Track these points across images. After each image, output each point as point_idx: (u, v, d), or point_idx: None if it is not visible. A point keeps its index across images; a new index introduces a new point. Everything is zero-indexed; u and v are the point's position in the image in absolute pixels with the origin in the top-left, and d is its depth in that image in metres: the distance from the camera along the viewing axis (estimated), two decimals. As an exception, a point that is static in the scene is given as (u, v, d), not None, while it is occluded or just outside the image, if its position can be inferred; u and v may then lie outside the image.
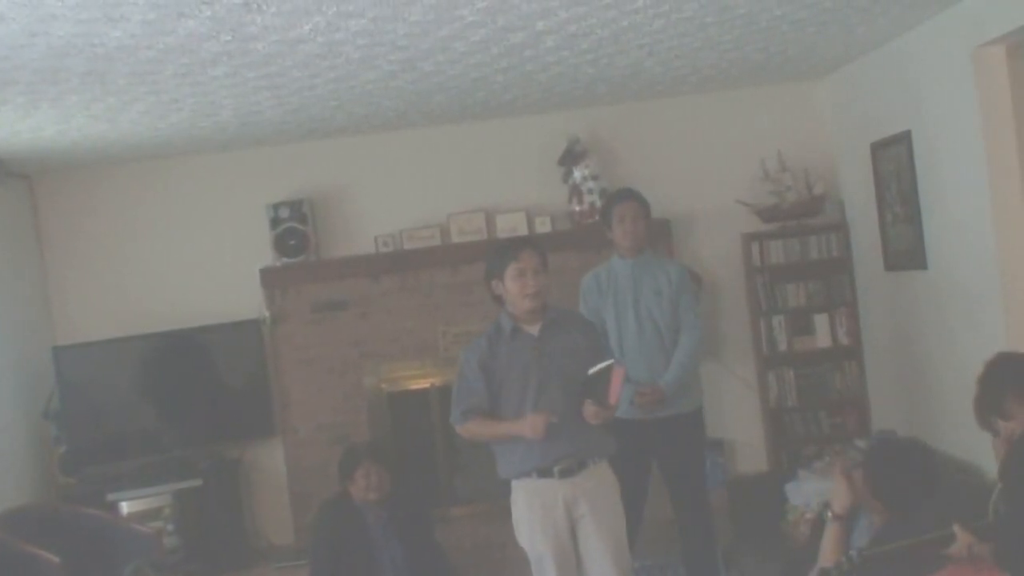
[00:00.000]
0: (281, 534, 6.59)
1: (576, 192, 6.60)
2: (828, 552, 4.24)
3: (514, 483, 4.47)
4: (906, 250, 5.92)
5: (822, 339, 6.71)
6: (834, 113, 6.69)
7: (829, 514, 4.28)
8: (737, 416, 6.38)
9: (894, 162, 5.94)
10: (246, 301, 6.57)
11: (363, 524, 5.61)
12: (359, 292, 6.62)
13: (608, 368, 4.24)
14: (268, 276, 6.56)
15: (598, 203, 6.52)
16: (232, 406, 6.57)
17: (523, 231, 6.60)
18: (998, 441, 3.91)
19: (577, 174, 6.58)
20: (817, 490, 5.95)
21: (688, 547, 5.68)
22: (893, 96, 5.89)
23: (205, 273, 6.62)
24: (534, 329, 4.45)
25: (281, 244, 6.50)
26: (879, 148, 6.08)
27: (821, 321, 6.70)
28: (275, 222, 6.50)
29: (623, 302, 5.44)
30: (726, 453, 6.53)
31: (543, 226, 6.62)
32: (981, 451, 5.23)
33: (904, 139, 5.73)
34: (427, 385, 6.70)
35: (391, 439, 6.58)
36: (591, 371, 4.24)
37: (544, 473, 4.36)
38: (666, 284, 5.55)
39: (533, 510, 4.41)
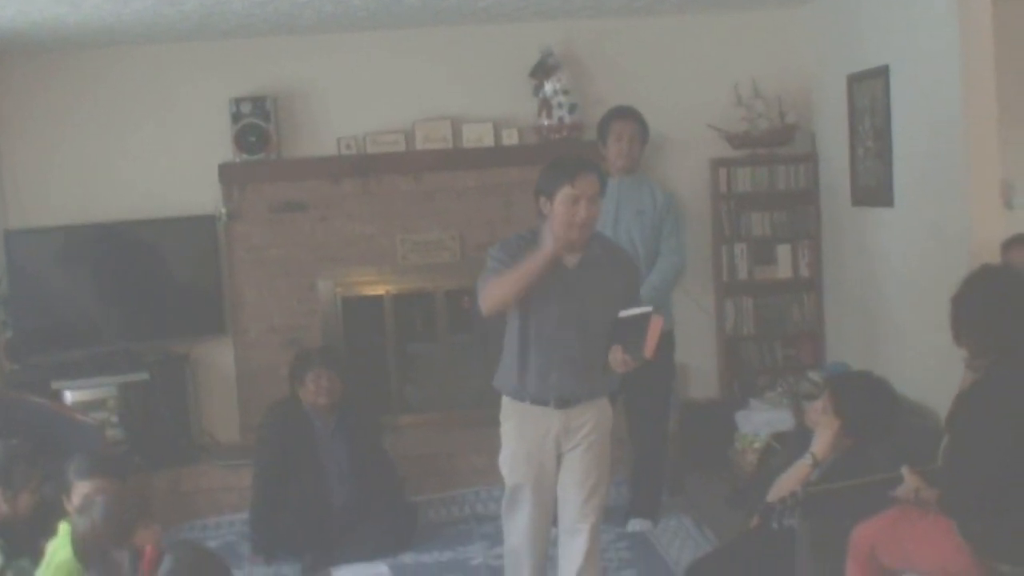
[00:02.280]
0: (226, 432, 6.54)
1: (546, 106, 6.49)
2: (785, 488, 4.25)
3: (505, 399, 4.27)
4: (874, 186, 5.87)
5: (783, 270, 6.68)
6: (812, 43, 6.59)
7: (810, 457, 4.29)
8: (692, 342, 6.34)
9: (869, 96, 5.86)
10: (203, 196, 6.43)
11: (310, 428, 5.59)
12: (319, 194, 6.50)
13: (644, 317, 3.86)
14: (227, 172, 6.41)
15: (567, 118, 6.45)
16: (183, 302, 6.46)
17: (489, 143, 6.50)
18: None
19: (548, 88, 6.46)
20: (767, 420, 5.97)
21: (638, 467, 5.73)
22: (873, 29, 5.80)
23: (163, 165, 6.45)
24: (571, 261, 4.08)
25: (241, 140, 6.34)
26: (855, 81, 6.00)
27: (783, 252, 6.66)
28: (236, 117, 6.34)
29: (602, 220, 5.36)
30: (679, 378, 6.51)
31: (510, 139, 6.51)
32: (934, 392, 5.26)
33: (882, 73, 5.65)
34: (383, 292, 6.62)
35: (343, 345, 6.51)
36: (623, 314, 3.86)
37: (539, 401, 4.15)
38: (650, 206, 5.55)
39: (522, 438, 4.21)
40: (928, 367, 5.37)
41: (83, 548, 3.51)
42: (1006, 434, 3.41)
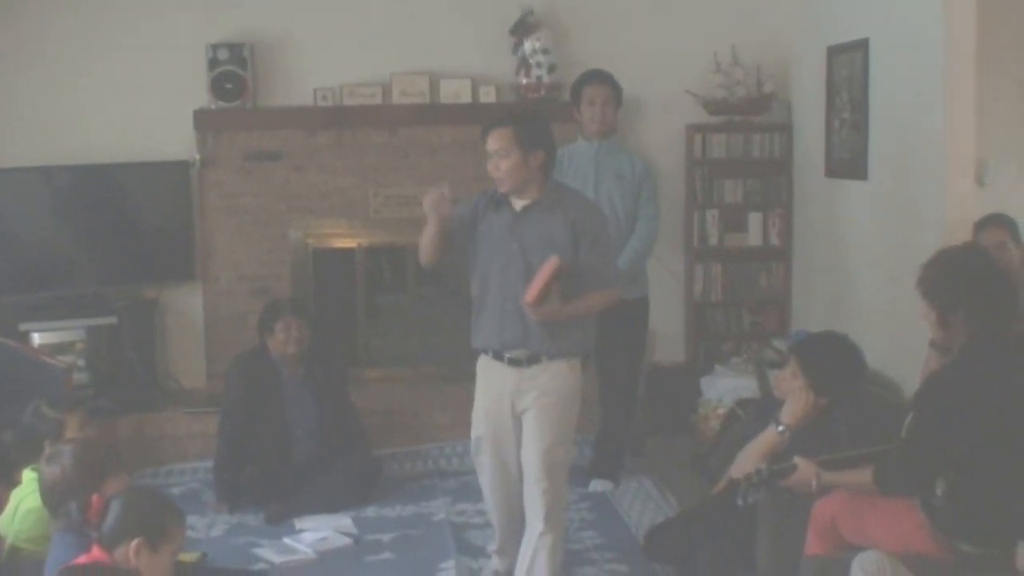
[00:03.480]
0: (192, 379, 6.54)
1: (524, 64, 6.47)
2: (751, 458, 4.29)
3: (480, 356, 4.37)
4: (849, 159, 5.91)
5: (753, 237, 6.72)
6: (793, 13, 6.59)
7: (781, 427, 4.32)
8: (660, 306, 6.34)
9: (848, 69, 5.88)
10: (177, 142, 6.37)
11: (278, 379, 5.59)
12: (294, 144, 6.46)
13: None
14: (201, 118, 6.36)
15: (545, 78, 6.44)
16: (153, 247, 6.42)
17: (467, 99, 6.48)
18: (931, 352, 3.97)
19: (527, 46, 6.44)
20: (731, 386, 6.06)
21: (604, 429, 5.78)
22: (855, 2, 5.82)
23: (137, 109, 6.37)
24: (519, 205, 4.19)
25: (217, 87, 6.29)
26: (835, 53, 6.02)
27: (755, 220, 6.70)
28: (213, 63, 6.28)
29: (582, 183, 5.41)
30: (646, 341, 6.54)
31: (487, 96, 6.48)
32: (897, 366, 5.33)
33: (861, 47, 5.67)
34: (354, 245, 6.61)
35: (313, 296, 6.50)
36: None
37: (497, 356, 4.24)
38: (629, 171, 5.58)
39: (482, 393, 4.34)
40: (892, 340, 5.43)
41: (52, 496, 3.50)
42: (972, 417, 3.44)
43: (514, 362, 4.21)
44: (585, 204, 4.41)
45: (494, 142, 4.14)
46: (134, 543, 3.13)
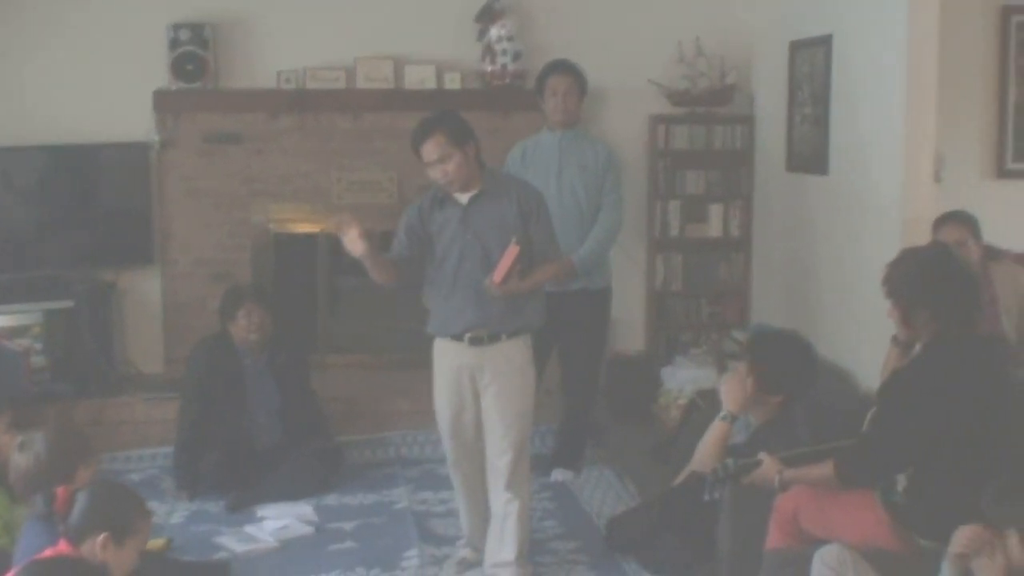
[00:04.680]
0: (151, 364, 6.47)
1: (490, 51, 6.45)
2: (709, 451, 4.34)
3: (436, 341, 4.52)
4: (810, 153, 5.95)
5: (714, 228, 6.75)
6: (757, 6, 6.61)
7: (723, 413, 4.38)
8: (621, 296, 6.37)
9: (810, 64, 5.92)
10: (136, 123, 6.29)
11: (239, 365, 5.57)
12: (255, 127, 6.41)
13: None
14: (161, 100, 6.29)
15: (510, 66, 6.43)
16: (112, 230, 6.34)
17: (431, 85, 6.46)
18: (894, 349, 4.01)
19: (493, 33, 6.42)
20: (692, 377, 6.10)
21: (566, 418, 5.81)
22: (819, -1, 5.86)
23: (96, 89, 6.28)
24: (463, 198, 4.38)
25: (178, 68, 6.22)
26: (798, 48, 6.05)
27: (716, 211, 6.74)
28: (174, 44, 6.20)
29: (546, 173, 5.45)
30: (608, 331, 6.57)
31: (452, 83, 6.47)
32: (854, 358, 5.39)
33: (824, 42, 5.70)
34: (316, 230, 6.57)
35: (274, 281, 6.47)
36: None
37: (456, 338, 4.40)
38: (593, 160, 5.59)
39: (441, 371, 4.49)
40: (849, 333, 5.49)
41: (24, 485, 3.47)
42: (933, 415, 3.50)
43: (475, 341, 4.37)
44: (522, 183, 4.65)
45: (433, 151, 4.27)
46: (100, 538, 3.12)
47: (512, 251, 4.20)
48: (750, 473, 3.90)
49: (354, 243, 4.22)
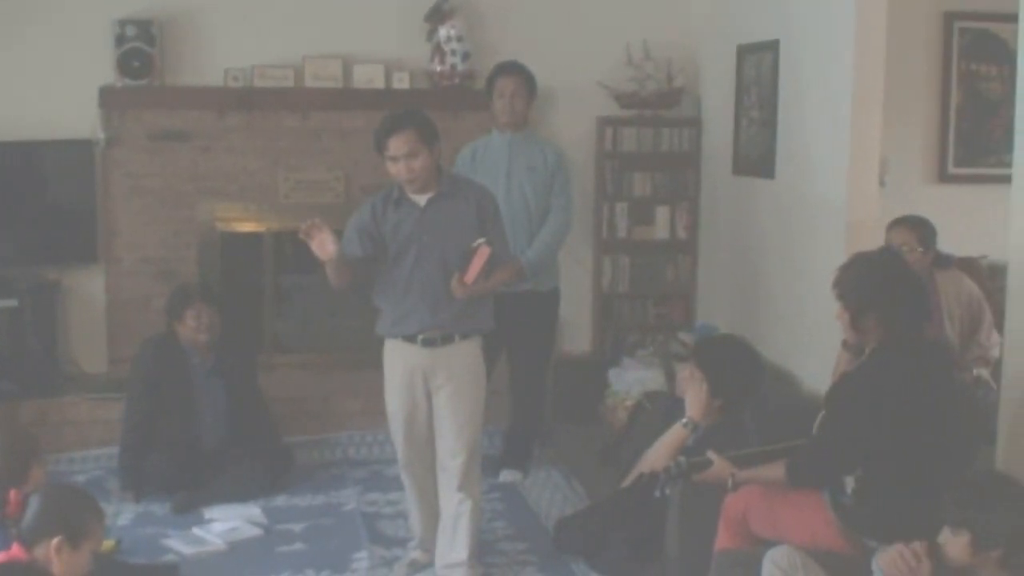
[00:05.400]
0: (94, 363, 6.38)
1: (439, 52, 6.44)
2: (663, 453, 4.38)
3: (386, 340, 4.51)
4: (756, 157, 6.01)
5: (661, 231, 6.80)
6: (705, 10, 6.67)
7: (685, 420, 4.43)
8: (568, 297, 6.39)
9: (757, 68, 5.98)
10: (81, 120, 6.18)
11: (186, 365, 5.53)
12: (202, 125, 6.35)
13: (478, 246, 4.22)
14: (107, 96, 6.20)
15: (460, 66, 6.42)
16: (56, 228, 6.24)
17: (380, 84, 6.44)
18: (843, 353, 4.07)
19: (442, 33, 6.41)
20: (639, 378, 6.13)
21: (514, 419, 5.83)
22: (767, 2, 5.90)
23: (40, 85, 6.18)
24: (421, 200, 4.36)
25: (124, 64, 6.13)
26: (745, 52, 6.11)
27: (662, 213, 6.78)
28: (120, 40, 6.12)
29: (495, 174, 5.47)
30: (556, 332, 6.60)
31: (401, 83, 6.45)
32: (800, 360, 5.47)
33: (772, 47, 5.77)
34: (263, 229, 6.52)
35: (220, 280, 6.40)
36: (472, 244, 4.23)
37: (409, 339, 4.39)
38: (542, 163, 5.61)
39: (393, 372, 4.49)
40: (794, 335, 5.57)
41: None
42: (880, 418, 3.55)
43: (428, 342, 4.38)
44: (478, 186, 4.65)
45: (401, 146, 4.25)
46: (55, 541, 3.08)
47: (483, 252, 4.22)
48: (702, 471, 3.95)
49: (324, 247, 4.24)
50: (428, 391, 4.44)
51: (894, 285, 3.70)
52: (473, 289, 4.27)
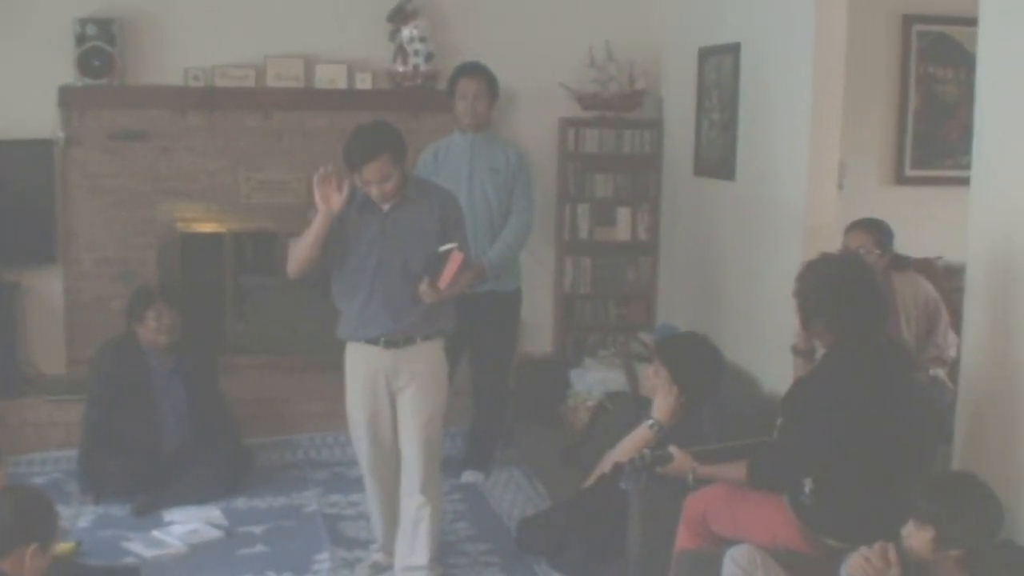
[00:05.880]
0: (53, 365, 6.33)
1: (401, 52, 6.44)
2: (627, 451, 4.40)
3: (347, 344, 4.50)
4: (717, 159, 6.05)
5: (622, 232, 6.82)
6: (668, 12, 6.70)
7: (652, 422, 4.47)
8: (530, 298, 6.41)
9: (718, 70, 6.02)
10: (40, 119, 6.14)
11: (147, 367, 5.50)
12: (162, 125, 6.31)
13: (448, 252, 4.21)
14: (66, 95, 6.15)
15: (422, 67, 6.42)
16: (14, 228, 6.15)
17: (342, 85, 6.42)
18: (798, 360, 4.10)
19: (405, 33, 6.41)
20: (600, 379, 6.15)
21: (476, 420, 5.84)
22: (728, 6, 5.94)
23: (-1, 84, 6.17)
24: (386, 205, 4.36)
25: (84, 63, 6.08)
26: (707, 55, 6.15)
27: (624, 214, 6.81)
28: (80, 39, 6.07)
29: (456, 176, 5.48)
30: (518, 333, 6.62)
31: (364, 83, 6.44)
32: (758, 361, 5.50)
33: (733, 50, 5.80)
34: (223, 230, 6.49)
35: (180, 281, 6.37)
36: (440, 249, 4.23)
37: (372, 341, 4.38)
38: (503, 164, 5.63)
39: (355, 376, 4.48)
40: (753, 336, 5.60)
41: None
42: (835, 421, 3.58)
43: (390, 344, 4.37)
44: (443, 191, 4.63)
45: (375, 173, 4.26)
46: (31, 549, 3.04)
47: (456, 257, 4.22)
48: (665, 465, 3.97)
49: (330, 199, 4.27)
50: (391, 393, 4.44)
51: (844, 288, 3.71)
52: (444, 294, 4.27)
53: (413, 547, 4.45)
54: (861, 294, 3.72)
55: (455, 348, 5.20)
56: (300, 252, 4.38)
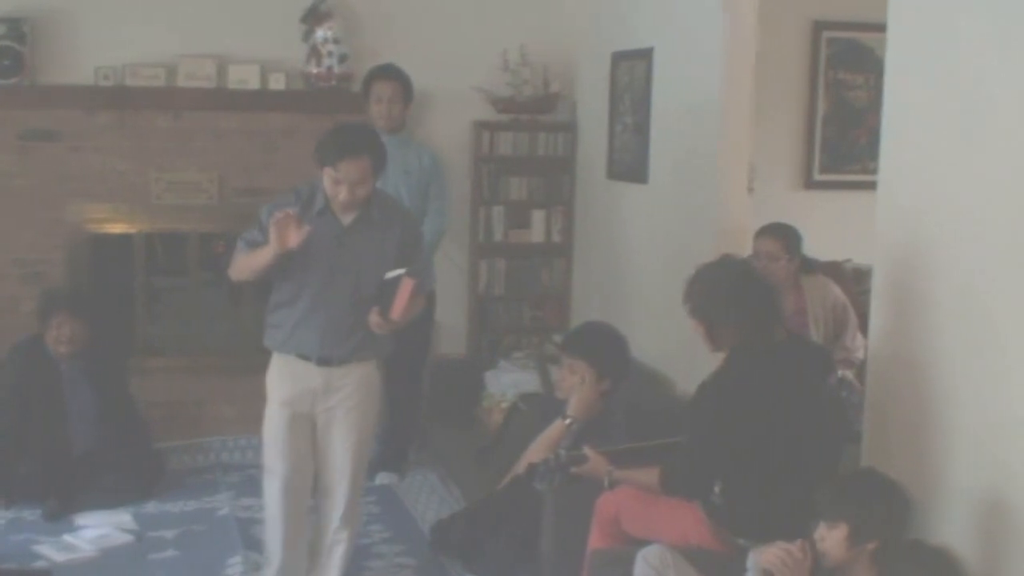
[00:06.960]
0: (-43, 368, 6.22)
1: (315, 53, 6.41)
2: (543, 447, 4.44)
3: (274, 354, 4.23)
4: (630, 162, 6.11)
5: (536, 234, 6.87)
6: (581, 17, 6.74)
7: (568, 419, 4.51)
8: (444, 300, 6.42)
9: (631, 75, 6.09)
10: (-55, 119, 6.05)
11: (55, 370, 5.43)
12: (72, 125, 6.21)
13: (398, 279, 3.95)
14: (-26, 95, 6.05)
15: (336, 68, 6.40)
16: (-81, 229, 6.08)
17: (255, 85, 6.37)
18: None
19: (319, 35, 6.38)
20: (514, 380, 6.19)
21: (391, 422, 5.84)
22: (640, 11, 6.01)
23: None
24: (346, 219, 4.08)
25: (-7, 63, 6.00)
26: (620, 59, 6.21)
27: (538, 217, 6.86)
28: (-11, 37, 5.99)
29: None
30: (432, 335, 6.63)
31: (277, 83, 6.40)
32: (671, 361, 5.57)
33: (646, 55, 5.87)
34: (134, 230, 6.40)
35: (90, 282, 6.27)
36: (387, 276, 3.97)
37: (303, 356, 4.13)
38: (417, 166, 5.63)
39: (282, 390, 4.19)
40: (667, 337, 5.65)
41: None
42: (739, 421, 3.62)
43: (324, 361, 4.12)
44: (403, 211, 4.44)
45: (353, 171, 3.97)
46: None
47: (407, 284, 3.93)
48: (580, 465, 3.99)
49: (286, 239, 3.89)
50: (317, 414, 4.18)
51: (740, 292, 3.75)
52: (397, 324, 4.03)
53: (327, 569, 4.27)
54: (755, 297, 3.76)
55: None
56: (245, 270, 4.12)
